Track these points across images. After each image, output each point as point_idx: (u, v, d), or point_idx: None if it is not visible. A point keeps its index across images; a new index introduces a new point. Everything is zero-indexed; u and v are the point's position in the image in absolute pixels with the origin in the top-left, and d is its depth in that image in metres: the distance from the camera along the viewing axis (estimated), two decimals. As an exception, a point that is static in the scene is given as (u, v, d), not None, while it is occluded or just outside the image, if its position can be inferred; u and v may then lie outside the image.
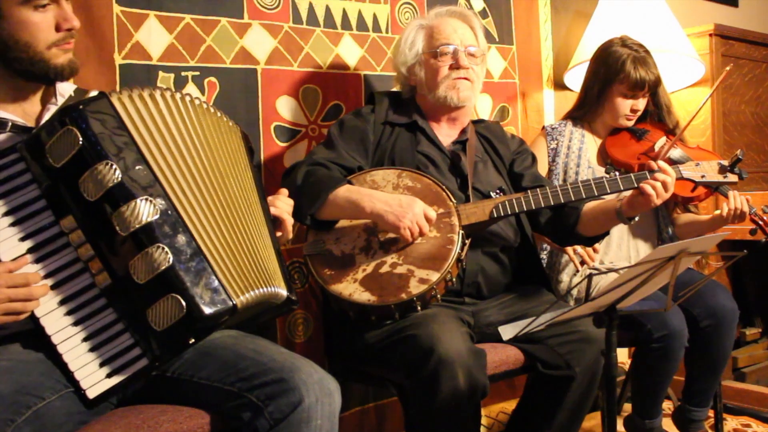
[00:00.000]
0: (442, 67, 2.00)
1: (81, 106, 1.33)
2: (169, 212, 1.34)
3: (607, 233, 2.07)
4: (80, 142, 1.30)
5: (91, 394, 1.31)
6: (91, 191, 1.30)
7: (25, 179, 1.33)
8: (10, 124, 1.40)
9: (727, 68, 2.45)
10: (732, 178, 2.00)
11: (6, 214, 1.31)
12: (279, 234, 1.61)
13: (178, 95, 1.47)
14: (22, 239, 1.32)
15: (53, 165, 1.30)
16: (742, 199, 2.17)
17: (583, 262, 2.30)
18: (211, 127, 1.50)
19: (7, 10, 1.35)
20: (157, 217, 1.31)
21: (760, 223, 2.18)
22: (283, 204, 1.63)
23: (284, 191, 1.68)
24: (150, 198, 1.32)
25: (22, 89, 1.46)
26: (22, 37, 1.37)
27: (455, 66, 2.00)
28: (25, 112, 1.47)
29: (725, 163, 1.99)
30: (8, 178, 1.32)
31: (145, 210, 1.30)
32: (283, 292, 1.49)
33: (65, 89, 1.53)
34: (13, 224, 1.31)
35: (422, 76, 2.04)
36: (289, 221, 1.63)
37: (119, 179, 1.30)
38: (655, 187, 1.82)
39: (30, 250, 1.31)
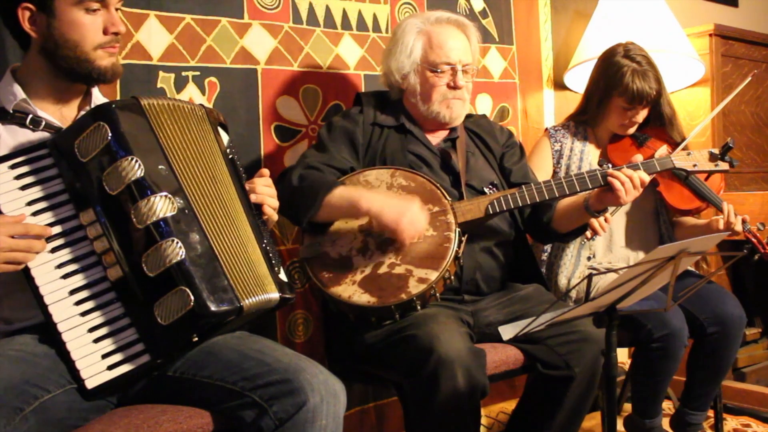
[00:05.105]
0: (438, 85, 1.99)
1: (113, 105, 1.39)
2: (186, 211, 1.38)
3: (584, 228, 2.07)
4: (109, 137, 1.35)
5: (90, 384, 1.33)
6: (112, 185, 1.35)
7: (51, 173, 1.39)
8: (44, 122, 1.47)
9: (749, 78, 2.47)
10: (723, 165, 1.98)
11: (29, 203, 1.37)
12: (264, 217, 1.61)
13: (178, 102, 1.50)
14: None
15: (80, 160, 1.36)
16: (738, 219, 2.19)
17: (593, 237, 2.24)
18: (195, 128, 1.52)
19: (60, 10, 1.43)
20: (174, 213, 1.36)
21: (753, 240, 2.19)
22: (264, 188, 1.62)
23: (265, 171, 1.65)
24: (169, 196, 1.36)
25: (64, 92, 1.53)
26: (72, 37, 1.44)
27: (451, 85, 1.99)
28: (63, 116, 1.53)
29: (716, 151, 1.97)
30: (35, 171, 1.38)
31: (162, 206, 1.35)
32: (275, 295, 1.50)
33: (102, 102, 1.57)
34: (34, 214, 1.36)
35: (416, 86, 2.02)
36: (272, 204, 1.63)
37: (141, 175, 1.35)
38: (624, 183, 1.85)
39: (48, 240, 1.36)
